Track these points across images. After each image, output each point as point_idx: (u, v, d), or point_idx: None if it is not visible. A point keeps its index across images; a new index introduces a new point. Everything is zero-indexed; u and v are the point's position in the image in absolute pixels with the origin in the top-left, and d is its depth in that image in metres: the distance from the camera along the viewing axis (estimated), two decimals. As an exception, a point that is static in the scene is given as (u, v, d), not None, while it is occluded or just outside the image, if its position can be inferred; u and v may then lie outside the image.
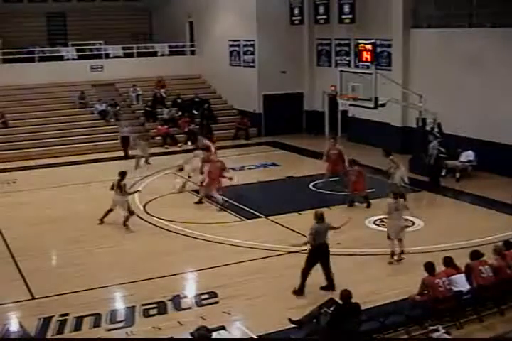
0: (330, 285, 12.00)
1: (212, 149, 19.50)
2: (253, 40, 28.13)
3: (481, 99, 20.58)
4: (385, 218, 14.31)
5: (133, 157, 23.53)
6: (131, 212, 16.20)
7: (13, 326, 11.06)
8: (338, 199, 18.07)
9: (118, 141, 25.01)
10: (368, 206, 17.41)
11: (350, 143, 25.49)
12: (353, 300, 9.92)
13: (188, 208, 17.80)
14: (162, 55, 32.94)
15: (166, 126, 27.17)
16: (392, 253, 13.65)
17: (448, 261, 11.04)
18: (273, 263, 13.56)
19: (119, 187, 16.18)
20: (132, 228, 15.97)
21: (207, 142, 20.29)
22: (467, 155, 20.16)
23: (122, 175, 16.38)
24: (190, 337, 9.06)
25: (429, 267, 10.66)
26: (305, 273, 11.91)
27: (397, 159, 17.97)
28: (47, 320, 11.05)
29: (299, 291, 11.89)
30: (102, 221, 16.42)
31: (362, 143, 24.34)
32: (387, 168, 17.60)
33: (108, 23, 35.67)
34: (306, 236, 14.77)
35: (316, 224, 11.99)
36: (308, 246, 12.16)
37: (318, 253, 11.96)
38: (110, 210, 16.32)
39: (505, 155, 19.57)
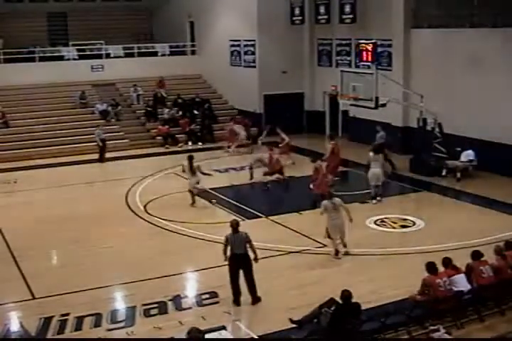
0: (253, 299, 11.58)
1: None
2: (254, 40, 28.12)
3: (481, 99, 20.56)
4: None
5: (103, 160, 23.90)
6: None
7: (14, 326, 11.06)
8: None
9: (121, 141, 25.07)
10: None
11: (351, 143, 25.52)
12: (354, 300, 9.91)
13: (189, 208, 17.80)
14: (163, 55, 32.97)
15: (166, 126, 27.16)
16: (337, 252, 13.70)
17: (447, 262, 11.02)
18: (273, 263, 13.54)
19: (191, 168, 17.72)
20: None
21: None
22: (467, 155, 20.14)
23: (191, 157, 17.90)
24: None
25: (431, 267, 10.65)
26: (231, 284, 11.61)
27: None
28: (47, 320, 11.06)
29: (235, 302, 11.61)
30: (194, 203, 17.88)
31: (363, 143, 24.29)
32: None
33: (109, 22, 35.72)
34: (306, 237, 14.87)
35: (230, 234, 11.66)
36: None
37: (234, 264, 11.56)
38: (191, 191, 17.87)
39: (505, 155, 19.57)
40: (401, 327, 10.15)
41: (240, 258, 11.54)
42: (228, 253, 11.63)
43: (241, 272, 11.64)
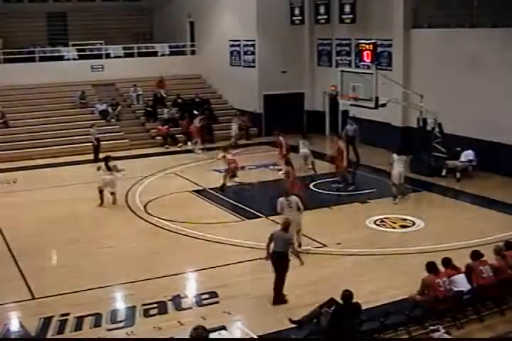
0: (275, 299, 11.53)
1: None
2: (253, 40, 28.12)
3: (481, 99, 20.56)
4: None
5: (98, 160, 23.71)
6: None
7: (14, 326, 11.05)
8: (339, 199, 18.13)
9: (121, 141, 25.12)
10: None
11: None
12: (354, 300, 9.91)
13: (189, 208, 17.81)
14: (162, 55, 32.95)
15: (166, 126, 27.16)
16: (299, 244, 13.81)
17: (446, 262, 11.02)
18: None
19: (109, 168, 17.92)
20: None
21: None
22: (467, 155, 20.14)
23: (107, 158, 18.36)
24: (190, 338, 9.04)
25: (431, 267, 10.65)
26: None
27: None
28: (47, 320, 11.05)
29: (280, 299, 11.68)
30: (102, 202, 18.05)
31: (362, 143, 24.32)
32: None
33: (109, 22, 35.69)
34: (306, 237, 14.88)
35: (276, 231, 11.85)
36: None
37: (273, 260, 11.68)
38: (101, 191, 17.99)
39: (505, 155, 19.57)
40: (401, 327, 10.16)
41: (277, 256, 11.62)
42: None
43: None
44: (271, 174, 21.55)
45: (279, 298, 11.58)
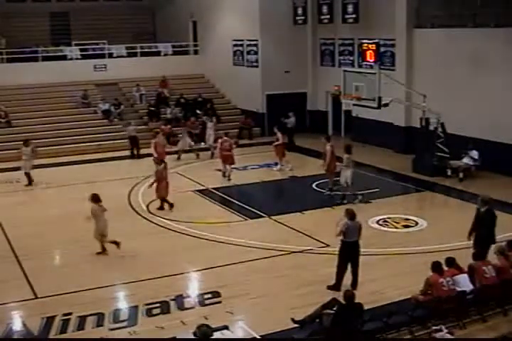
0: (355, 282, 12.02)
1: None
2: (256, 40, 28.12)
3: (484, 99, 20.54)
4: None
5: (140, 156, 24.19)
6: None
7: (17, 325, 11.07)
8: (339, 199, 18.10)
9: (123, 141, 25.21)
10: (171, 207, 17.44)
11: (353, 142, 25.46)
12: (356, 300, 9.90)
13: (191, 208, 17.81)
14: (165, 55, 32.98)
15: (169, 126, 27.14)
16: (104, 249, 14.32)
17: (451, 262, 11.02)
18: (276, 263, 13.56)
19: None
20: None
21: None
22: (471, 155, 20.09)
23: (26, 141, 21.22)
24: (193, 337, 9.04)
25: (437, 266, 10.64)
26: (340, 270, 11.98)
27: None
28: (50, 320, 11.06)
29: (334, 287, 11.92)
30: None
31: (365, 142, 24.34)
32: None
33: (111, 22, 35.77)
34: (308, 236, 14.88)
35: (349, 221, 11.98)
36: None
37: (347, 251, 11.95)
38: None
39: (508, 154, 19.54)
40: (403, 327, 10.15)
41: (353, 246, 11.91)
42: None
43: None
44: (273, 174, 21.55)
45: (357, 283, 11.97)
